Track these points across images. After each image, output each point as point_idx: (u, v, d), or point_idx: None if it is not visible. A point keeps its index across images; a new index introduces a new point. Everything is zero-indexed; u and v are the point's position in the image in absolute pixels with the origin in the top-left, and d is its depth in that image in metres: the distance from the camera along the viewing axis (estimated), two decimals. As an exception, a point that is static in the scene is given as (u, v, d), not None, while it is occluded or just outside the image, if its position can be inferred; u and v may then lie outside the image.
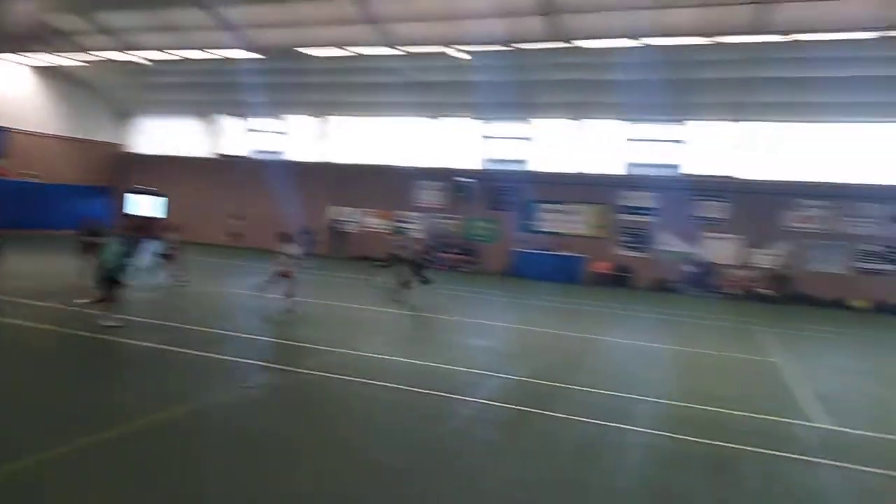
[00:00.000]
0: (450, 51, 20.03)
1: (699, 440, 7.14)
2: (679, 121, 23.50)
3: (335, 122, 29.09)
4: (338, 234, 27.73)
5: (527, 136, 25.91)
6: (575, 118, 24.94)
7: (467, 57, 20.69)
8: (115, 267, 10.28)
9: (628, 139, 24.44)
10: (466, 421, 7.25)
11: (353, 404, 7.70)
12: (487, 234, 26.24)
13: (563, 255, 24.13)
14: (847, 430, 7.88)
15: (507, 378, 9.22)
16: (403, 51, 20.56)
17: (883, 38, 15.86)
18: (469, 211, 26.48)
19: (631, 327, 14.89)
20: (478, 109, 25.67)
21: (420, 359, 10.03)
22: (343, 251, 27.15)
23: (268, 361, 9.19)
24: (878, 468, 6.62)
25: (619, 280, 23.78)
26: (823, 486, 6.08)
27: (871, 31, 15.53)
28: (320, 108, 28.68)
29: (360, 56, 21.76)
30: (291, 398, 7.79)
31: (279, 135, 29.95)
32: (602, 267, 24.18)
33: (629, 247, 24.34)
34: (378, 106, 27.37)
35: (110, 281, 10.21)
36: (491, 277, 23.44)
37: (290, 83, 26.95)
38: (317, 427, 6.82)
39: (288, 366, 9.01)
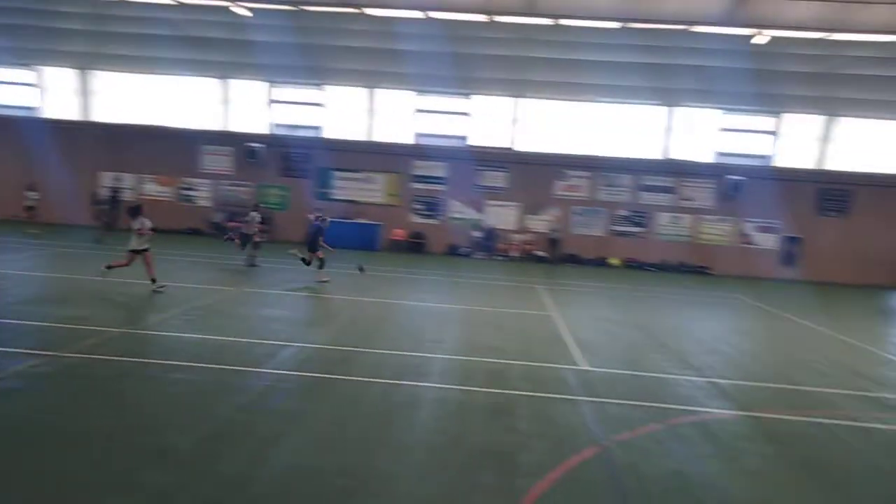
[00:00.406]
0: (230, 5, 18.78)
1: (484, 390, 7.83)
2: (465, 94, 24.78)
3: (103, 77, 25.75)
4: (115, 202, 24.86)
5: (319, 102, 25.42)
6: (368, 86, 25.02)
7: (248, 14, 19.61)
8: None
9: (418, 110, 25.18)
10: (260, 394, 7.11)
11: (139, 387, 7.10)
12: (281, 202, 25.47)
13: (360, 223, 24.36)
14: (602, 370, 9.20)
15: (304, 346, 9.18)
16: (175, 0, 18.84)
17: (625, 28, 18.31)
18: (260, 178, 25.42)
19: (426, 290, 15.63)
20: (266, 72, 24.58)
21: (214, 334, 9.55)
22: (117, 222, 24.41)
23: (34, 348, 8.05)
24: (623, 400, 7.85)
25: (414, 246, 24.73)
26: (578, 417, 7.05)
27: (615, 20, 17.83)
28: (82, 60, 25.14)
29: (125, 1, 19.47)
30: (64, 385, 6.94)
31: (31, 87, 25.77)
32: (398, 234, 24.92)
33: (422, 214, 25.37)
34: (153, 62, 24.76)
35: None
36: (286, 246, 22.84)
37: (42, 28, 23.23)
38: (94, 414, 6.18)
39: (60, 350, 7.99)
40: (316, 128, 25.47)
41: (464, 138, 25.16)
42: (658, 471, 5.81)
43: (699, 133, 24.54)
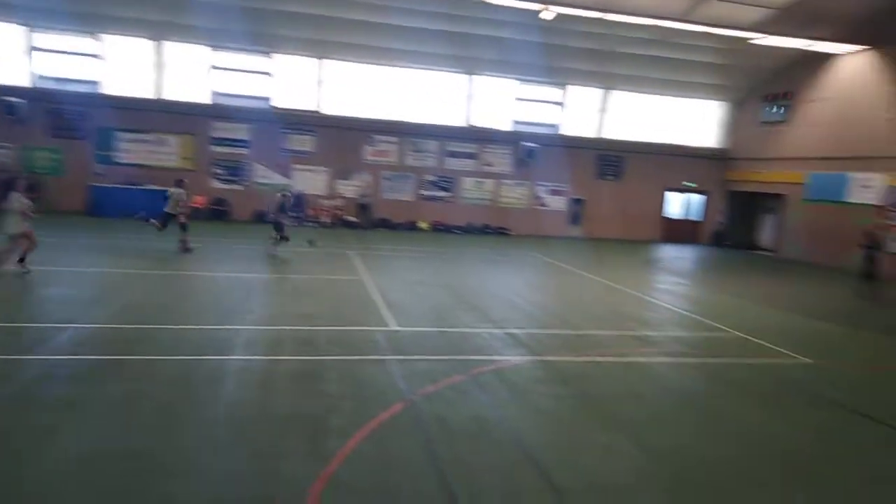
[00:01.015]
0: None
1: (292, 357, 7.71)
2: (265, 52, 23.52)
3: None
4: None
5: (95, 53, 22.46)
6: (153, 39, 22.61)
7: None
8: None
9: (213, 67, 23.43)
10: (30, 382, 6.28)
11: None
12: (52, 167, 22.30)
13: (151, 190, 22.19)
14: (411, 329, 9.52)
15: (87, 327, 8.24)
16: None
17: None
18: (24, 138, 21.96)
19: (232, 260, 14.82)
20: (25, 15, 21.11)
21: (-36, 320, 8.17)
22: None
23: None
24: (430, 355, 8.23)
25: (216, 213, 23.23)
26: (386, 376, 7.27)
27: None
28: None
29: None
30: None
31: None
32: (197, 201, 23.13)
33: (224, 179, 23.87)
34: None
35: None
36: (67, 217, 20.15)
37: None
38: None
39: None
40: (93, 82, 22.52)
41: (267, 99, 23.96)
42: (460, 417, 6.21)
43: (498, 102, 25.98)
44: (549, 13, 19.69)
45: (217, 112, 23.39)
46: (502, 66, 24.86)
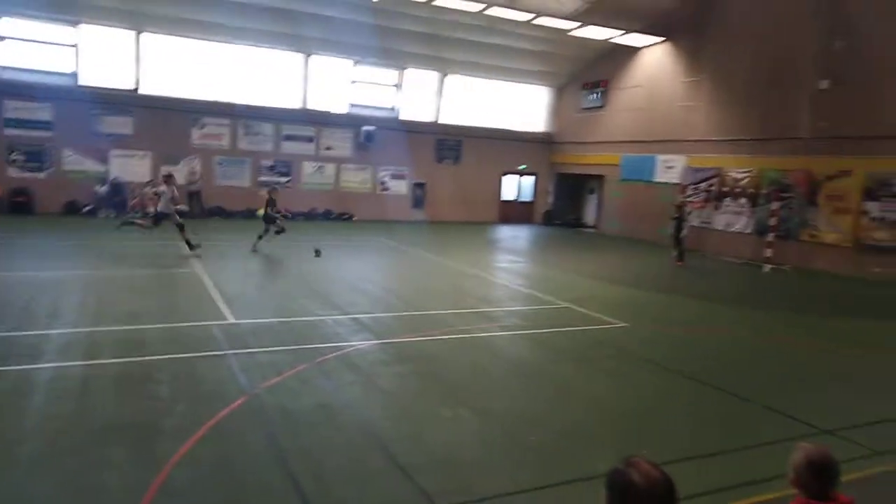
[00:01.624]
0: None
1: (116, 360, 7.06)
2: (70, 22, 20.94)
3: None
4: None
5: None
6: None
7: None
8: None
9: (2, 37, 20.43)
10: None
11: None
12: None
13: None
14: (251, 321, 9.14)
15: None
16: None
17: None
18: None
19: (40, 258, 13.13)
20: None
21: None
22: None
23: None
24: (272, 347, 7.98)
25: (17, 206, 20.44)
26: (226, 371, 6.93)
27: None
28: None
29: None
30: None
31: None
32: (-14, 192, 20.20)
33: (24, 167, 21.02)
34: None
35: None
36: None
37: None
38: None
39: None
40: None
41: (73, 75, 21.38)
42: (304, 406, 6.10)
43: (334, 84, 25.48)
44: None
45: (10, 89, 20.47)
46: (336, 47, 24.34)
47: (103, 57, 21.69)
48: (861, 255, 17.07)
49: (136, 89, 22.25)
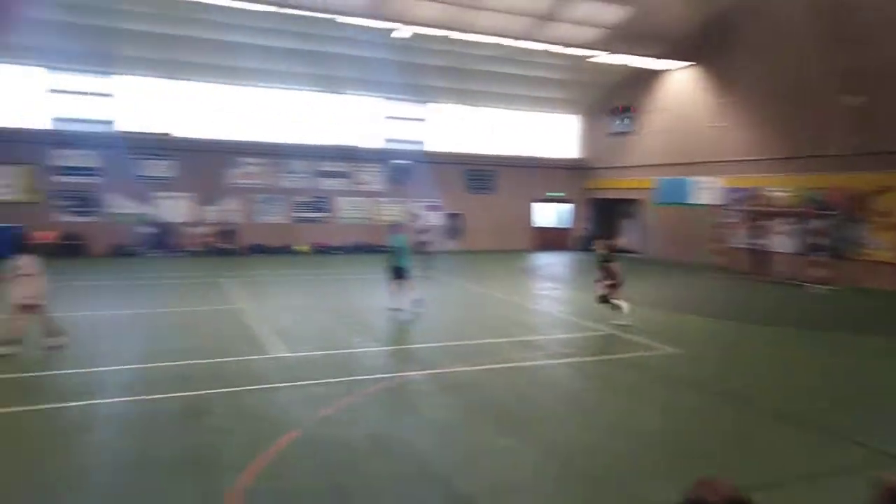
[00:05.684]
0: None
1: (171, 395, 7.23)
2: (105, 73, 22.00)
3: None
4: None
5: None
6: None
7: None
8: None
9: (52, 90, 21.55)
10: None
11: None
12: None
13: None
14: (299, 354, 9.27)
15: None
16: None
17: (274, 13, 18.41)
18: None
19: (94, 298, 13.59)
20: None
21: None
22: None
23: None
24: (322, 379, 8.08)
25: (69, 249, 21.23)
26: (279, 404, 7.03)
27: (259, 4, 17.71)
28: None
29: None
30: None
31: None
32: (46, 236, 21.01)
33: (75, 212, 21.90)
34: None
35: None
36: None
37: None
38: None
39: None
40: None
41: (110, 123, 22.32)
42: (357, 437, 6.14)
43: (365, 120, 26.05)
44: (401, 32, 20.08)
45: (56, 139, 21.46)
46: (365, 85, 24.93)
47: (144, 104, 22.72)
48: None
49: (168, 133, 23.05)
